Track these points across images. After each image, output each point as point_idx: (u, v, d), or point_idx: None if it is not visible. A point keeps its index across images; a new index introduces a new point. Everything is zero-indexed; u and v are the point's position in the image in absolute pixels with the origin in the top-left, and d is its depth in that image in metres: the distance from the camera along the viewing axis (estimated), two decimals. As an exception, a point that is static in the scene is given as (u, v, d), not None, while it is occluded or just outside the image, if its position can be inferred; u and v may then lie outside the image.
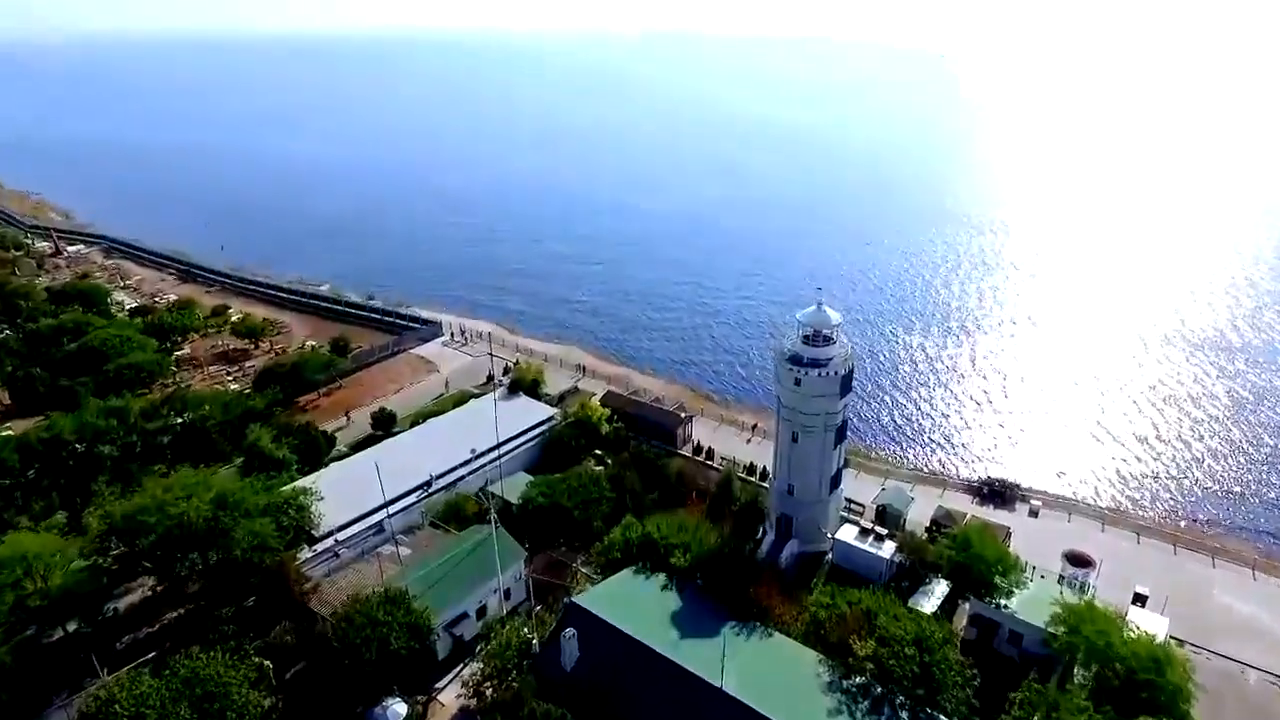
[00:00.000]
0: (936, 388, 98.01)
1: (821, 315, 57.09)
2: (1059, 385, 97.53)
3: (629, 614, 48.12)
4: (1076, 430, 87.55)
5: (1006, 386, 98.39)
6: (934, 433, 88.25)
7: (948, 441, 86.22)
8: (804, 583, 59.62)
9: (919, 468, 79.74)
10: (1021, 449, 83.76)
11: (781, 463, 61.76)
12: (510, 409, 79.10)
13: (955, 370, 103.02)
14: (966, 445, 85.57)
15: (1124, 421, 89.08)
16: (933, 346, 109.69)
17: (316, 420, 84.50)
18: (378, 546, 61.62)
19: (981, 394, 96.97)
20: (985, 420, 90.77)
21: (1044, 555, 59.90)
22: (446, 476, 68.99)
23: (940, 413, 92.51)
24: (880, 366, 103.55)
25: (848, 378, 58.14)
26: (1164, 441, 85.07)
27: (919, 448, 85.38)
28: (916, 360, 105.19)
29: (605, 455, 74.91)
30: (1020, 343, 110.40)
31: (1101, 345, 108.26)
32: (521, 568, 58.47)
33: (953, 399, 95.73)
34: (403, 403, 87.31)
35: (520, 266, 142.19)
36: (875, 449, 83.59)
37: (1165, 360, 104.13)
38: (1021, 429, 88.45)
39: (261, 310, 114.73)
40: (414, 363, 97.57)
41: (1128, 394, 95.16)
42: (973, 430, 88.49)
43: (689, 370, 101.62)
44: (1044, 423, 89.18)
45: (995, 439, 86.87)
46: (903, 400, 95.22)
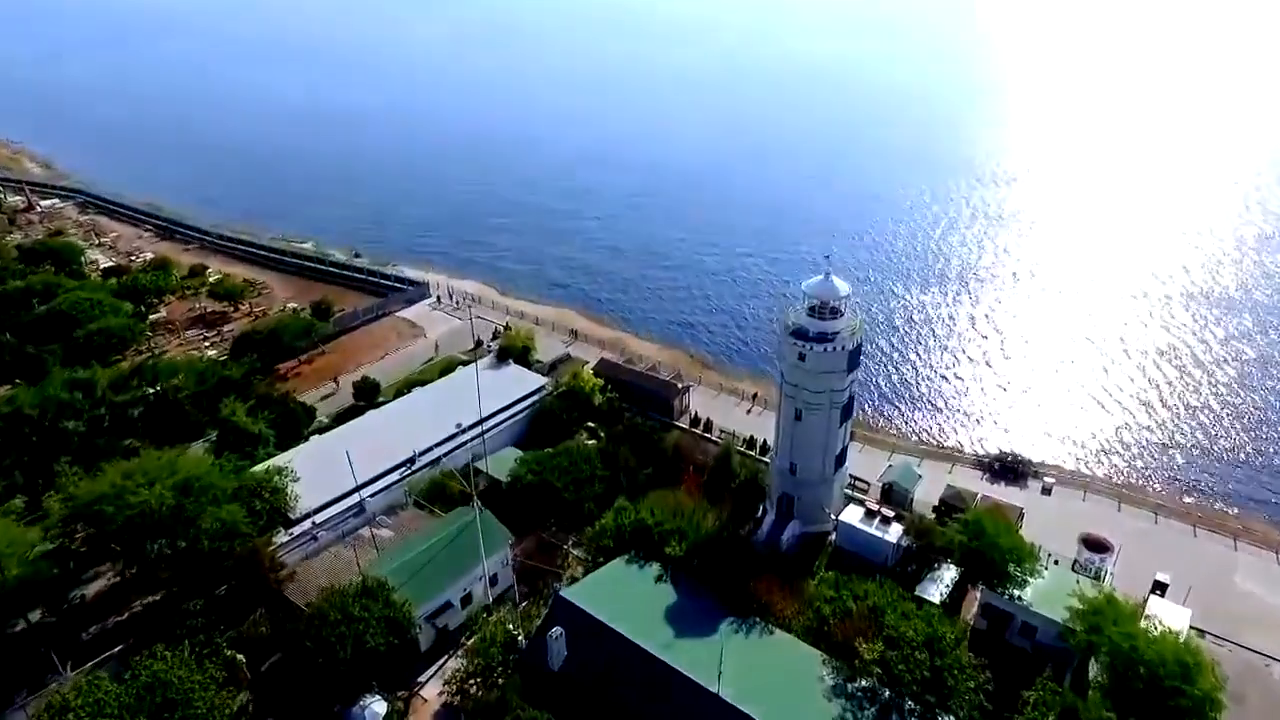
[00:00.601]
0: (943, 350, 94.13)
1: (829, 286, 52.94)
2: (1071, 348, 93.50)
3: (620, 609, 45.25)
4: (1089, 397, 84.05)
5: (1016, 347, 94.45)
6: (941, 398, 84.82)
7: (955, 409, 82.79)
8: (806, 566, 56.86)
9: (927, 441, 76.48)
10: (1032, 416, 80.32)
11: (783, 440, 58.38)
12: (499, 378, 75.46)
13: (962, 330, 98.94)
14: (975, 412, 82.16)
15: (1139, 387, 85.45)
16: (939, 304, 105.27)
17: (298, 389, 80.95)
18: (358, 528, 58.67)
19: (990, 354, 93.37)
20: (994, 383, 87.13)
21: (1058, 537, 57.01)
22: (431, 453, 65.69)
23: (946, 375, 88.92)
24: (885, 327, 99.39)
25: (856, 352, 54.36)
26: (1182, 410, 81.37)
27: (925, 414, 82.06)
28: (922, 319, 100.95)
29: (598, 428, 71.49)
30: (1031, 301, 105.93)
31: (1116, 304, 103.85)
32: (508, 553, 55.57)
33: (960, 360, 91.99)
34: (387, 370, 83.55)
35: (512, 221, 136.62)
36: (880, 420, 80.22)
37: (1184, 321, 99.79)
38: (1032, 392, 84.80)
39: (241, 270, 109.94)
40: (400, 326, 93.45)
41: (1144, 358, 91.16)
42: (982, 396, 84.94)
43: (687, 333, 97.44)
44: (1055, 388, 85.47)
45: (1005, 404, 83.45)
46: (908, 363, 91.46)
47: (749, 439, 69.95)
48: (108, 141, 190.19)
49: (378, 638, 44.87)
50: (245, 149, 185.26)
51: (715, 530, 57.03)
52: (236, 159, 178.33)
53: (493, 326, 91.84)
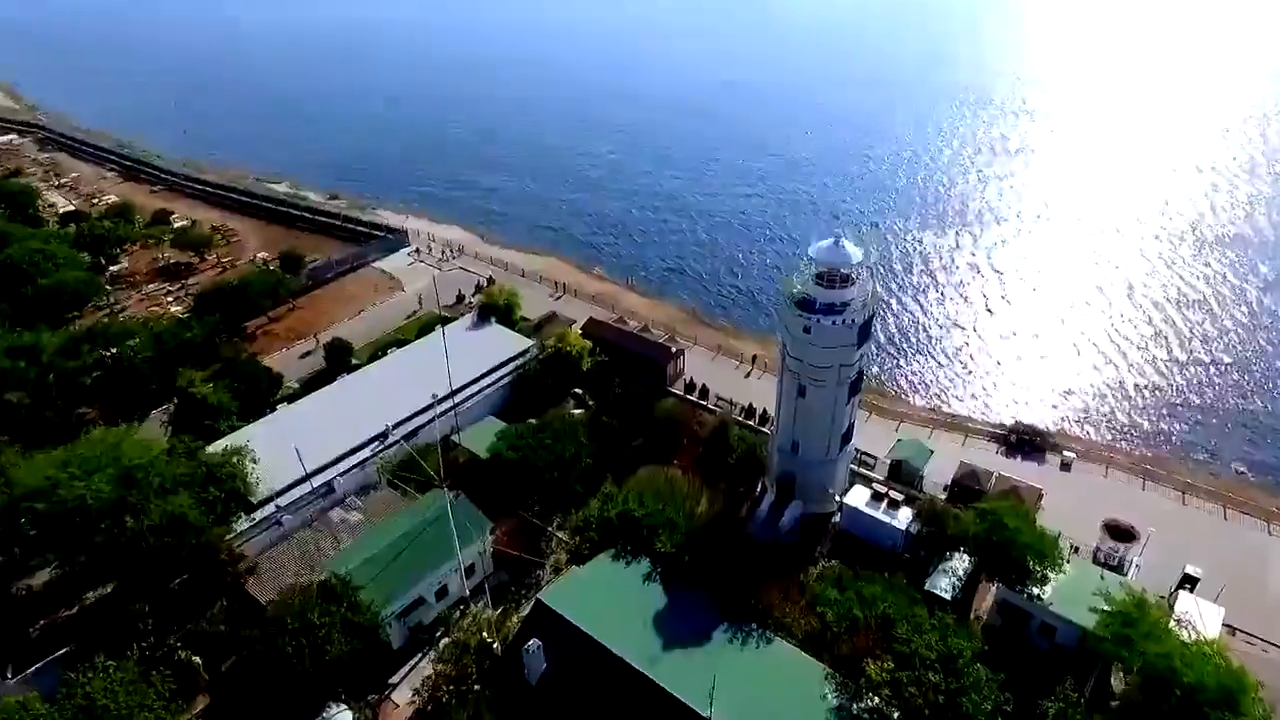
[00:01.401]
0: (954, 299, 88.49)
1: (839, 252, 47.15)
2: (1088, 298, 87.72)
3: (604, 616, 41.32)
4: (1108, 355, 78.68)
5: (1029, 296, 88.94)
6: (950, 351, 79.88)
7: (965, 364, 77.55)
8: (808, 553, 52.97)
9: (937, 407, 71.72)
10: (1048, 376, 75.25)
11: (784, 417, 53.62)
12: (479, 340, 70.29)
13: (972, 275, 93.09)
14: (986, 366, 77.03)
15: (1165, 345, 79.80)
16: (948, 247, 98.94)
17: (267, 350, 75.90)
18: (327, 511, 54.60)
19: (1001, 302, 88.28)
20: (1006, 336, 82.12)
21: (1078, 521, 52.87)
22: (405, 425, 60.99)
23: (956, 323, 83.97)
24: (890, 272, 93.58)
25: (868, 324, 49.05)
26: (1214, 373, 75.67)
27: (933, 368, 77.42)
28: (931, 264, 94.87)
29: (586, 395, 66.73)
30: (1045, 244, 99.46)
31: (1139, 248, 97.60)
32: (487, 541, 51.48)
33: (969, 308, 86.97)
34: (363, 328, 78.28)
35: (498, 160, 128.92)
36: (885, 380, 75.19)
37: (1217, 269, 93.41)
38: (1047, 350, 79.47)
39: (209, 214, 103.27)
40: (377, 279, 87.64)
41: (1170, 311, 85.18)
42: (994, 350, 79.71)
43: (683, 284, 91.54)
44: (1071, 343, 79.94)
45: (1018, 359, 78.71)
46: (915, 313, 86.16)
47: (747, 408, 65.23)
48: (77, 70, 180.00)
49: (339, 647, 41.11)
50: (223, 80, 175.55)
51: (710, 514, 53.28)
52: (213, 92, 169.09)
53: (475, 279, 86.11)
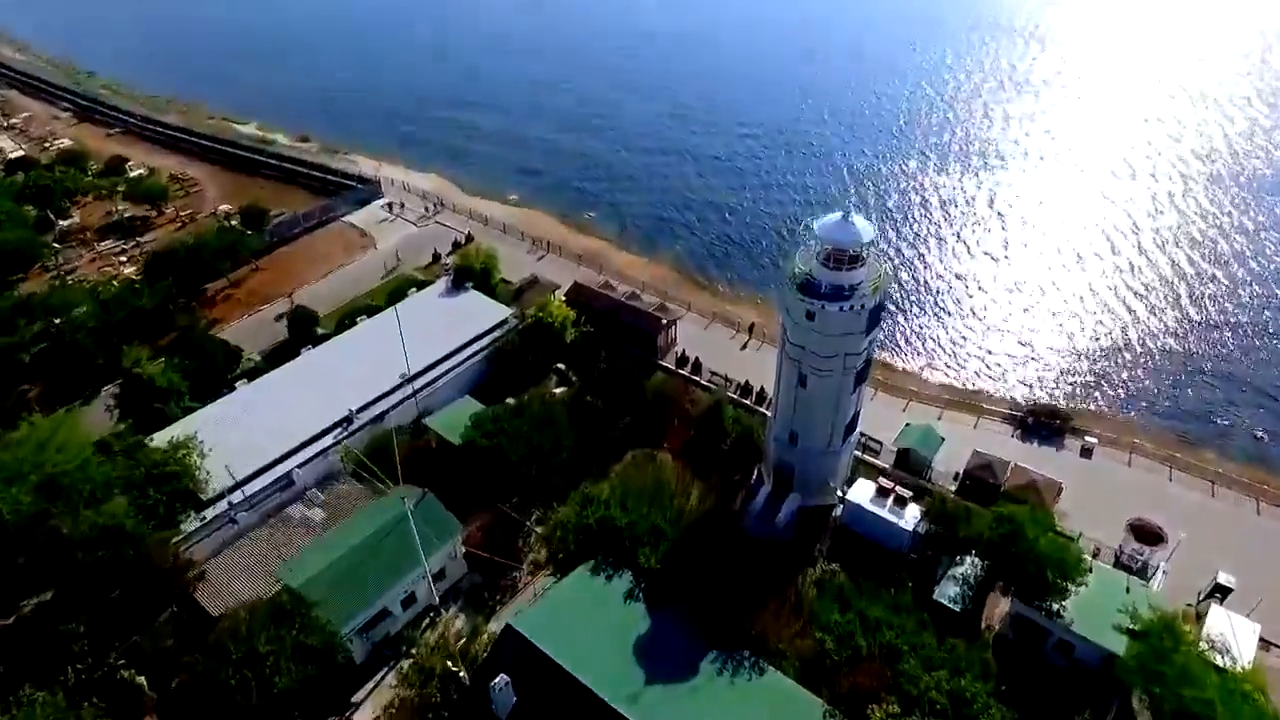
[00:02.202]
0: (961, 247, 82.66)
1: (848, 229, 41.39)
2: (1111, 250, 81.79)
3: (580, 643, 37.46)
4: (1126, 310, 73.44)
5: (1042, 243, 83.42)
6: (956, 308, 75.09)
7: (974, 323, 72.53)
8: (806, 551, 48.98)
9: (946, 377, 66.95)
10: (1067, 343, 70.37)
11: (783, 406, 48.81)
12: (454, 309, 64.88)
13: (980, 220, 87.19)
14: (996, 325, 72.36)
15: (1198, 307, 74.03)
16: (957, 189, 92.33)
17: (228, 317, 70.49)
18: (285, 506, 50.43)
19: (1014, 246, 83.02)
20: (1016, 286, 77.28)
21: (1100, 516, 48.90)
22: (372, 408, 56.24)
23: (961, 278, 78.89)
24: (893, 220, 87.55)
25: (878, 309, 43.73)
26: (1256, 344, 70.35)
27: (940, 327, 72.65)
28: (935, 209, 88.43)
29: (569, 371, 61.75)
30: (1059, 186, 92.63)
31: (1158, 192, 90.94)
32: (458, 544, 47.32)
33: (976, 257, 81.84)
34: (330, 292, 72.66)
35: (480, 97, 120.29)
36: (891, 347, 70.04)
37: (1260, 218, 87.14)
38: (1059, 301, 74.98)
39: (168, 161, 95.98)
40: (346, 235, 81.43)
41: (1207, 266, 79.29)
42: (1005, 306, 74.82)
43: (676, 237, 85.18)
44: (1090, 304, 74.63)
45: (1026, 309, 74.35)
46: (922, 265, 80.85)
47: (743, 385, 60.35)
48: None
49: (291, 676, 37.39)
50: (190, 11, 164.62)
51: (700, 514, 49.06)
52: (180, 23, 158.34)
53: (453, 235, 79.97)
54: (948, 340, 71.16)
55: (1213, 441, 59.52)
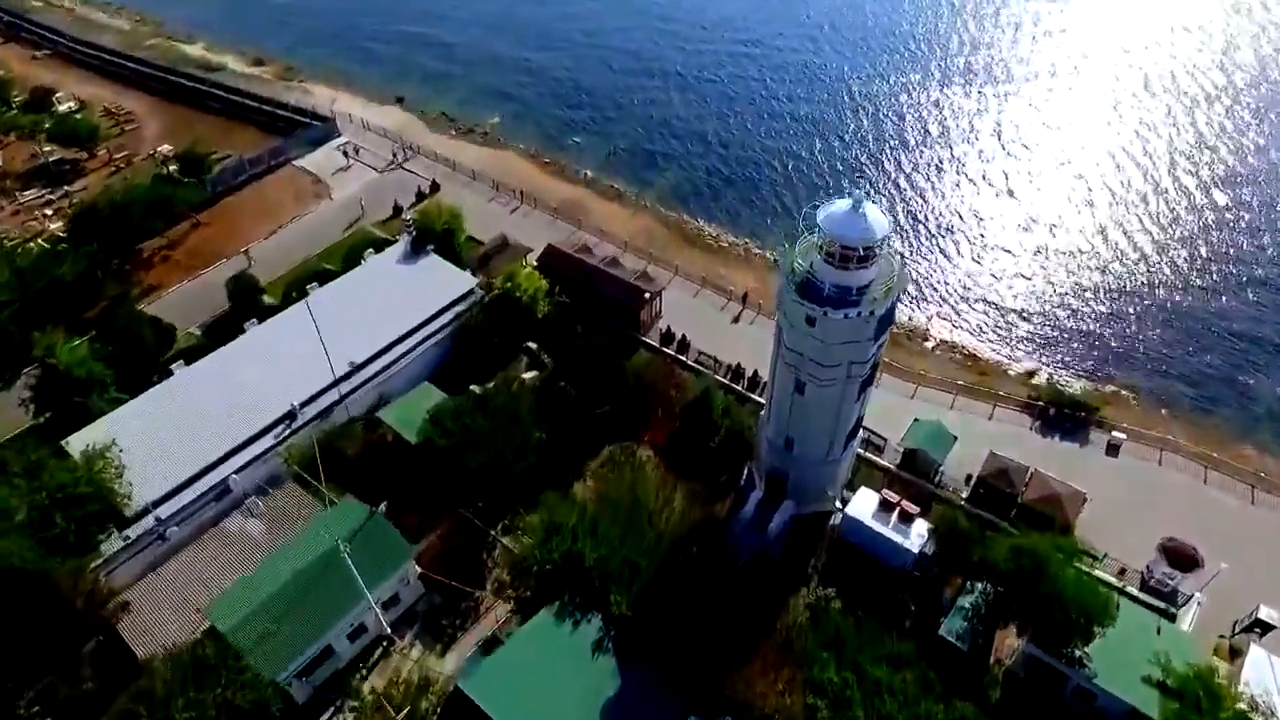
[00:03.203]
0: (971, 183, 75.74)
1: (858, 223, 34.43)
2: (1139, 178, 74.40)
3: (539, 708, 33.04)
4: (1157, 264, 67.29)
5: (1056, 176, 76.23)
6: (965, 249, 69.48)
7: (982, 276, 67.17)
8: (800, 568, 44.26)
9: (954, 340, 61.10)
10: (1080, 286, 65.30)
11: (778, 410, 42.99)
12: (412, 278, 58.00)
13: (985, 151, 79.76)
14: (1008, 280, 66.76)
15: (1229, 255, 67.53)
16: (960, 115, 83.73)
17: (166, 281, 63.65)
18: (222, 518, 45.34)
19: (1022, 179, 76.52)
20: (1028, 226, 71.54)
21: (1126, 529, 44.12)
22: (320, 399, 50.37)
23: (966, 216, 72.63)
24: (890, 153, 79.56)
25: (890, 311, 37.28)
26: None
27: (945, 279, 67.03)
28: (935, 141, 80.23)
29: (541, 352, 55.55)
30: (1079, 109, 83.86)
31: (1191, 111, 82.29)
32: (411, 569, 42.38)
33: (982, 191, 75.55)
34: (280, 251, 65.45)
35: (447, 9, 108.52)
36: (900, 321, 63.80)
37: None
38: (1077, 243, 68.94)
39: (103, 92, 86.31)
40: (299, 182, 73.31)
41: (1241, 199, 71.94)
42: (1018, 252, 69.04)
43: (661, 174, 77.44)
44: (1110, 247, 68.54)
45: (1038, 250, 68.98)
46: (925, 203, 74.22)
47: (735, 368, 54.31)
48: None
49: (211, 747, 33.16)
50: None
51: (683, 531, 44.10)
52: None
53: (417, 183, 71.92)
54: (957, 286, 66.09)
55: (1252, 433, 53.98)
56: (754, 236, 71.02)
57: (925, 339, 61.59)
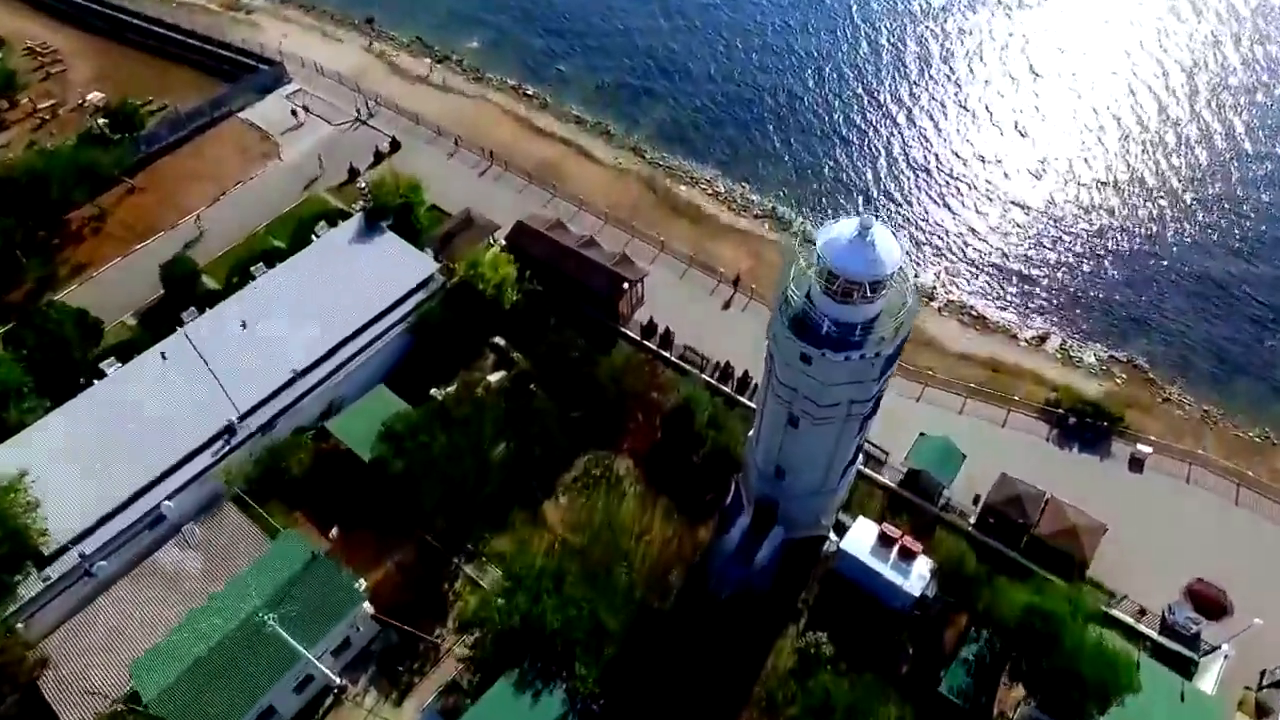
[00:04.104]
0: (970, 123, 69.43)
1: (864, 253, 28.60)
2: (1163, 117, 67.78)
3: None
4: (1180, 219, 61.93)
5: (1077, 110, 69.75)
6: (965, 203, 64.16)
7: (988, 228, 62.37)
8: (789, 603, 40.58)
9: (960, 301, 56.68)
10: (1096, 245, 60.69)
11: (767, 437, 38.14)
12: (366, 262, 52.09)
13: (995, 85, 72.42)
14: (1014, 234, 62.04)
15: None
16: (967, 40, 75.72)
17: (98, 258, 57.59)
18: (155, 549, 41.26)
19: (1035, 116, 70.34)
20: (1039, 171, 66.08)
21: (1147, 556, 40.39)
22: (261, 411, 45.43)
23: (967, 161, 67.26)
24: (887, 84, 72.67)
25: (899, 349, 31.96)
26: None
27: (948, 230, 62.34)
28: (938, 71, 72.55)
29: (510, 348, 50.26)
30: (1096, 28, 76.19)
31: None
32: (361, 612, 38.48)
33: (984, 129, 69.57)
34: (222, 223, 59.05)
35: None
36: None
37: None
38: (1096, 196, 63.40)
39: (26, 25, 77.12)
40: (244, 139, 65.87)
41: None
42: (1026, 205, 63.78)
43: (654, 121, 70.43)
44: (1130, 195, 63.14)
45: (1049, 200, 63.75)
46: (915, 146, 68.32)
47: (723, 367, 49.19)
48: None
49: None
50: None
51: (661, 565, 40.18)
52: None
53: (375, 140, 64.65)
54: (964, 240, 61.64)
55: (1270, 405, 50.17)
56: (748, 182, 65.65)
57: (931, 299, 57.23)
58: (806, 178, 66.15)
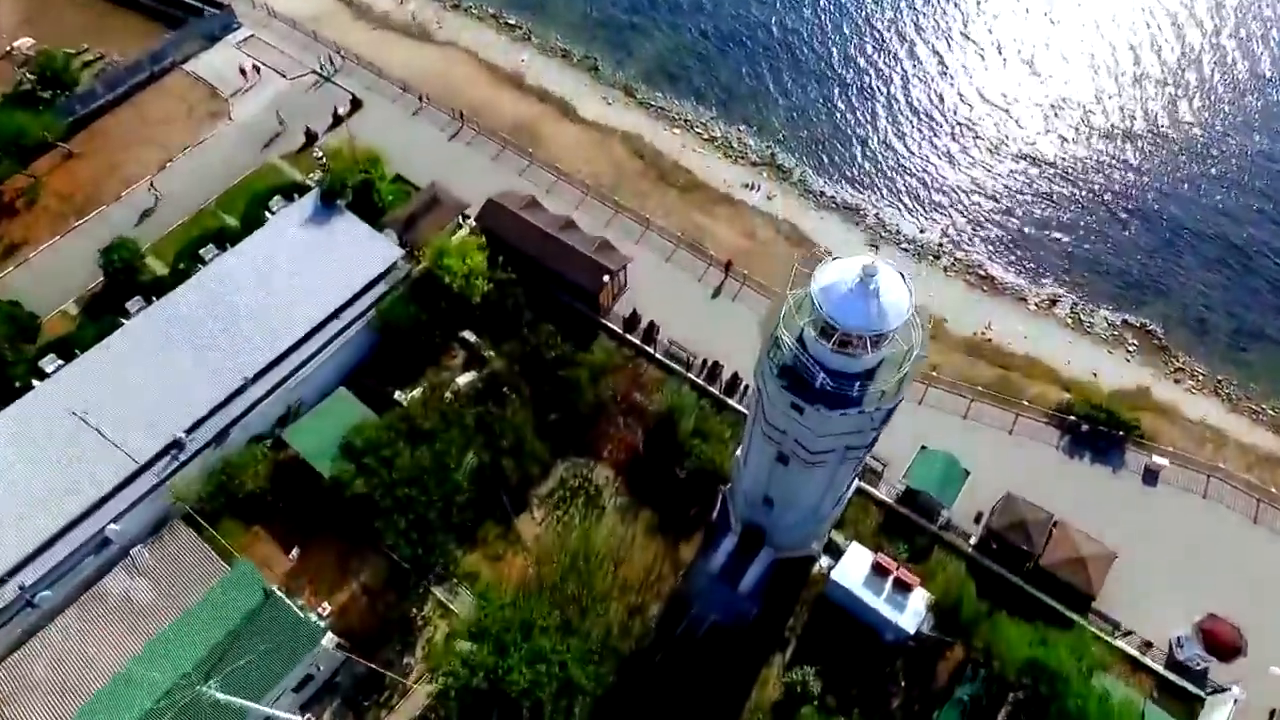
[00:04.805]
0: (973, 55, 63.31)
1: (867, 306, 24.67)
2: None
3: None
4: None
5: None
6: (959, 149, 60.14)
7: (987, 178, 58.30)
8: (775, 630, 38.44)
9: (974, 284, 52.87)
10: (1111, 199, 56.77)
11: (754, 468, 35.02)
12: (322, 249, 47.64)
13: None
14: (1018, 182, 57.86)
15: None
16: None
17: (35, 236, 53.05)
18: (103, 576, 38.72)
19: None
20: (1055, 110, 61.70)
21: (1156, 580, 38.16)
22: (212, 421, 42.04)
23: (978, 108, 62.44)
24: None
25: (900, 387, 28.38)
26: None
27: (955, 177, 58.81)
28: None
29: (481, 343, 46.45)
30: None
31: None
32: (323, 648, 36.19)
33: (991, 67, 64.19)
34: (169, 195, 54.10)
35: None
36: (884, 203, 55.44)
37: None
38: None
39: (-51, -42, 69.71)
40: (190, 95, 59.86)
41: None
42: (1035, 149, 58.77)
43: (644, 57, 65.13)
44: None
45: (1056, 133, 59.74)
46: (926, 94, 63.19)
47: (710, 367, 45.57)
48: None
49: None
50: None
51: (640, 596, 37.83)
52: None
53: (335, 98, 58.81)
54: (970, 190, 58.15)
55: None
56: (745, 124, 61.66)
57: (936, 256, 54.34)
58: (806, 120, 61.94)
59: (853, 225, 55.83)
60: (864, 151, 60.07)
